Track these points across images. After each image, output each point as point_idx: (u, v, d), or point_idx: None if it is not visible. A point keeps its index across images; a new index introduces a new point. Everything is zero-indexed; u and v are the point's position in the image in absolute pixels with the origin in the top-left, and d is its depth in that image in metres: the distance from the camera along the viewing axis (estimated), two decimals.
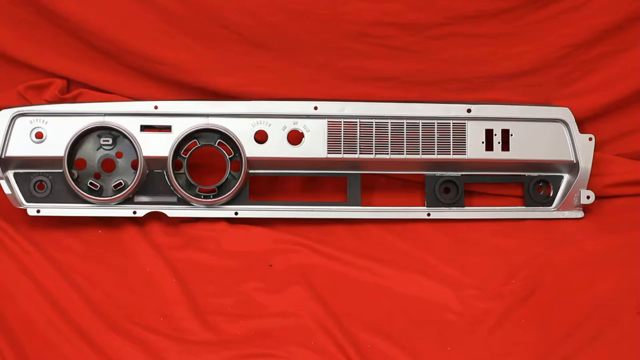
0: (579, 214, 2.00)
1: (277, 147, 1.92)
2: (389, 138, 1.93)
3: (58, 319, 1.66)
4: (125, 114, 1.90)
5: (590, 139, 1.96)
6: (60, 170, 1.89)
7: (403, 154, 1.93)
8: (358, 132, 1.93)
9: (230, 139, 1.91)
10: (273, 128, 1.92)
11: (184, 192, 1.90)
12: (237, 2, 1.98)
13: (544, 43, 2.03)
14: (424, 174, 1.99)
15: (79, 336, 1.62)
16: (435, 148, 1.94)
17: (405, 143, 1.93)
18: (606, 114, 2.07)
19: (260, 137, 1.92)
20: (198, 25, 2.00)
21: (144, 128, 1.90)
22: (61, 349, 1.60)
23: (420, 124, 1.94)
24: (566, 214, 2.00)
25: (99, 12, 1.98)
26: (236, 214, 1.93)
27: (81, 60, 2.05)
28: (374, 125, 1.93)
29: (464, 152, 1.95)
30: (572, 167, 1.97)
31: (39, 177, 1.91)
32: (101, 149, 1.92)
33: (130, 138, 1.89)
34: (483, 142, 1.95)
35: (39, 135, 1.89)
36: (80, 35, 2.02)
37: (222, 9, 1.99)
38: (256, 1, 1.98)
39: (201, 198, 1.91)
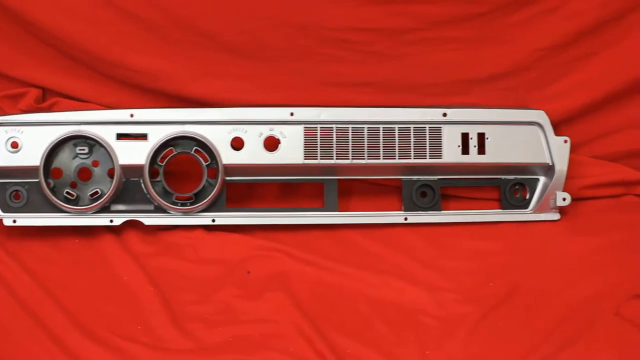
0: (555, 216, 2.01)
1: (253, 154, 1.92)
2: (366, 143, 1.93)
3: (35, 328, 1.65)
4: (101, 123, 1.90)
5: (565, 141, 1.97)
6: (37, 180, 1.88)
7: (379, 158, 1.94)
8: (334, 138, 1.93)
9: (207, 146, 1.90)
10: (249, 135, 1.92)
11: (160, 199, 1.90)
12: (213, 9, 1.98)
13: (519, 46, 2.04)
14: (400, 179, 1.99)
15: (56, 345, 1.61)
16: (412, 152, 1.94)
17: (381, 148, 1.94)
18: (581, 116, 2.08)
19: (237, 144, 1.92)
20: (174, 33, 2.00)
21: (120, 136, 1.90)
22: (38, 358, 1.59)
23: (397, 129, 1.94)
24: (542, 216, 2.00)
25: (73, 20, 1.98)
26: (213, 221, 1.93)
27: (56, 69, 2.05)
28: (350, 131, 1.93)
29: (440, 156, 1.95)
30: (548, 170, 1.98)
31: (14, 187, 1.90)
32: (77, 158, 1.91)
33: (106, 146, 1.89)
34: (459, 146, 1.95)
35: (15, 145, 1.88)
36: (54, 44, 2.01)
37: (198, 16, 1.99)
38: (233, 8, 1.98)
39: (178, 205, 1.91)
